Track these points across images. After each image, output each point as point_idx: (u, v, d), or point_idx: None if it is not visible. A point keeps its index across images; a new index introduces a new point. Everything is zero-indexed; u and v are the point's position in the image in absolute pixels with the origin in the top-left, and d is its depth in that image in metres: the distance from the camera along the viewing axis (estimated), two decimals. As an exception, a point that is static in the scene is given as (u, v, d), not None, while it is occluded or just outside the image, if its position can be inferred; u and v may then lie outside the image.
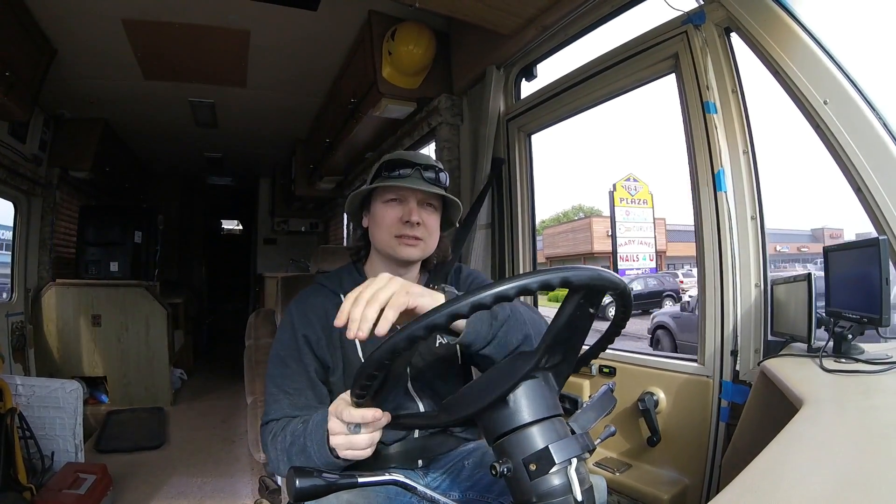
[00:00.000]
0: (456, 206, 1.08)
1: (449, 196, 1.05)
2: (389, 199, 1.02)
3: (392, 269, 1.06)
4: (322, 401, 0.99)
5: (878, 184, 1.06)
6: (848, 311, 1.04)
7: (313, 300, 1.05)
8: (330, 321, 0.97)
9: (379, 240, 1.04)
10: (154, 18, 2.37)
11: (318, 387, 1.00)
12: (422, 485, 0.71)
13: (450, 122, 2.37)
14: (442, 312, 0.56)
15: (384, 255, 1.05)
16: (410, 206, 1.01)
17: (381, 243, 1.04)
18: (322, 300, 1.05)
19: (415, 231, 1.01)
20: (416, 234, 1.01)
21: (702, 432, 1.40)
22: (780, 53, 1.18)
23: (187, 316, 5.00)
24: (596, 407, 0.71)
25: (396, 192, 1.02)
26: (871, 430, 0.67)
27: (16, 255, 3.27)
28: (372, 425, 0.72)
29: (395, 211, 1.01)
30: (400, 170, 1.00)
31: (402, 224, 1.00)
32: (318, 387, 1.00)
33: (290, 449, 0.88)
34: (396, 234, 1.01)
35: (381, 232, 1.02)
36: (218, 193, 6.95)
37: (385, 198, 1.03)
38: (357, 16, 2.34)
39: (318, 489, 0.61)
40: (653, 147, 36.12)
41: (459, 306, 0.55)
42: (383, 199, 1.03)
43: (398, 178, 1.00)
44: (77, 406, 2.41)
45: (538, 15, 1.77)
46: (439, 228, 1.08)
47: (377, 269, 1.08)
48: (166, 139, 4.36)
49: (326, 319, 1.01)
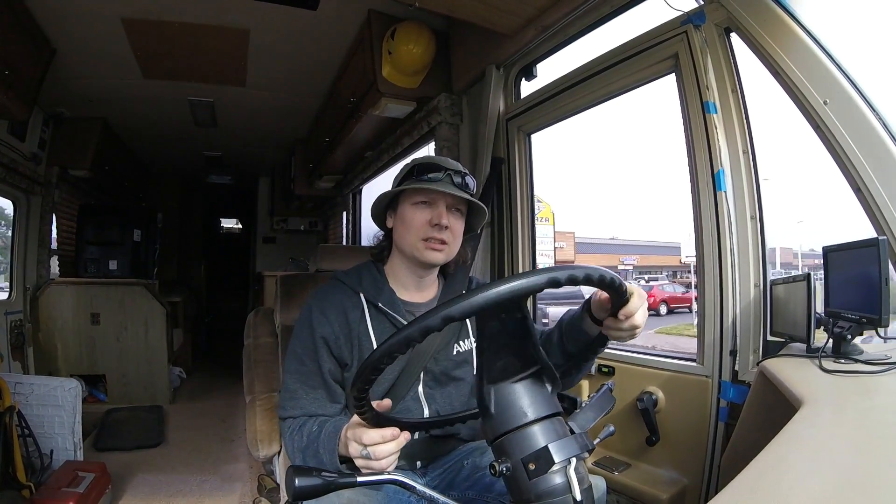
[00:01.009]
0: (482, 212, 1.10)
1: (476, 202, 1.06)
2: (419, 201, 1.04)
3: (413, 270, 1.09)
4: (335, 400, 1.03)
5: (878, 184, 1.06)
6: (847, 311, 1.04)
7: (332, 298, 1.07)
8: (348, 318, 1.03)
9: (405, 241, 1.05)
10: (153, 17, 2.36)
11: (332, 386, 1.03)
12: (421, 484, 0.71)
13: (449, 122, 2.37)
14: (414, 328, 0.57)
15: (408, 256, 1.06)
16: (440, 209, 1.02)
17: (406, 245, 1.05)
18: (340, 297, 1.07)
19: (442, 234, 1.02)
20: (442, 238, 1.02)
21: (701, 432, 1.40)
22: (779, 53, 1.18)
23: (186, 315, 4.99)
24: (595, 406, 0.71)
25: (426, 195, 1.03)
26: (871, 431, 0.67)
27: (15, 254, 3.26)
28: (392, 444, 0.73)
29: (424, 214, 1.02)
30: (431, 173, 1.02)
31: (431, 227, 1.02)
32: (332, 386, 1.03)
33: (305, 450, 0.93)
34: (424, 236, 1.02)
35: (408, 233, 1.03)
36: (217, 192, 6.94)
37: (415, 200, 1.04)
38: (357, 15, 2.33)
39: (317, 488, 0.61)
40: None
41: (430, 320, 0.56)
42: (413, 202, 1.04)
43: (429, 181, 1.01)
44: (76, 404, 2.41)
45: (538, 14, 1.76)
46: (462, 234, 1.10)
47: (397, 271, 1.10)
48: (165, 138, 4.35)
49: (345, 316, 1.04)
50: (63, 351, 3.47)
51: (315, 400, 1.02)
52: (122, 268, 3.93)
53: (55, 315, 3.44)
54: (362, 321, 1.04)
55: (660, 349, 2.75)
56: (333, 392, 1.03)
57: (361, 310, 1.05)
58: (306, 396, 1.01)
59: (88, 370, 3.52)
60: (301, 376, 1.03)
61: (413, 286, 1.11)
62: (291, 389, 1.03)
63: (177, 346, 4.33)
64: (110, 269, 3.88)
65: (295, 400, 1.02)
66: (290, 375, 1.04)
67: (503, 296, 0.54)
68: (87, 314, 3.53)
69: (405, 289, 1.11)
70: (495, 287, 0.54)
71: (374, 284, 1.09)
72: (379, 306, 1.05)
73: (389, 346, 0.58)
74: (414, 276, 1.10)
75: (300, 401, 1.01)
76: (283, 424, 1.03)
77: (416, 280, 1.11)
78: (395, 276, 1.11)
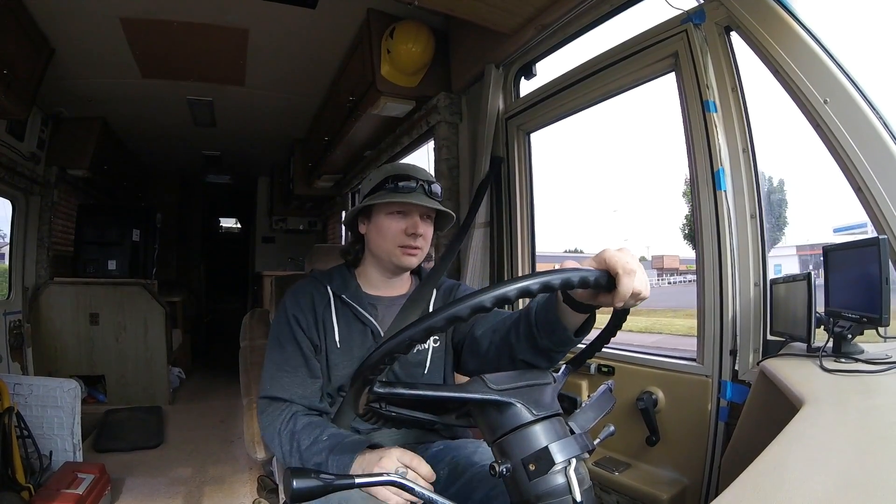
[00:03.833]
0: (449, 217, 1.17)
1: (444, 210, 1.13)
2: (394, 211, 1.10)
3: (384, 273, 1.17)
4: (315, 375, 1.08)
5: (878, 183, 1.05)
6: (847, 310, 1.04)
7: (303, 287, 1.16)
8: (315, 305, 1.12)
9: (381, 248, 1.12)
10: (152, 17, 2.36)
11: (311, 361, 1.08)
12: (419, 485, 0.71)
13: (449, 121, 2.37)
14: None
15: (383, 260, 1.14)
16: (415, 219, 1.09)
17: (382, 251, 1.12)
18: (311, 288, 1.15)
19: (416, 242, 1.10)
20: (417, 245, 1.10)
21: (701, 432, 1.39)
22: (780, 52, 1.18)
23: (185, 315, 4.99)
24: (595, 406, 0.71)
25: (401, 206, 1.10)
26: (872, 431, 0.66)
27: (14, 254, 3.26)
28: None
29: (400, 223, 1.10)
30: (403, 182, 1.08)
31: (406, 235, 1.09)
32: (311, 361, 1.08)
33: (305, 451, 0.94)
34: (400, 244, 1.10)
35: (384, 241, 1.11)
36: (216, 192, 6.93)
37: (390, 210, 1.10)
38: (356, 14, 2.33)
39: (315, 490, 0.61)
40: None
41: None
42: (388, 211, 1.10)
43: (403, 191, 1.07)
44: (75, 405, 2.41)
45: (537, 13, 1.76)
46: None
47: (370, 274, 1.19)
48: (164, 138, 4.34)
49: (312, 302, 1.12)
50: (62, 351, 3.46)
51: (296, 377, 1.06)
52: (120, 268, 3.93)
53: (54, 315, 3.44)
54: (327, 309, 1.12)
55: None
56: (313, 367, 1.08)
57: (328, 300, 1.13)
58: (287, 377, 1.06)
59: (87, 371, 3.52)
60: (283, 360, 1.07)
61: (382, 285, 1.20)
62: (272, 372, 1.07)
63: (176, 347, 4.32)
64: (109, 269, 3.88)
65: (275, 380, 1.05)
66: (270, 361, 1.09)
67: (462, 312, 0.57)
68: (86, 314, 3.53)
69: (373, 287, 1.19)
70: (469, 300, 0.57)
71: (342, 280, 1.17)
72: (343, 298, 1.13)
73: (389, 347, 0.59)
74: (384, 277, 1.18)
75: (281, 381, 1.05)
76: (264, 403, 1.06)
77: (386, 280, 1.19)
78: (365, 277, 1.19)
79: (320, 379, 1.09)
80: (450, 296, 1.22)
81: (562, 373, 0.78)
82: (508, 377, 0.67)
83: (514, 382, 0.66)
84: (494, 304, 0.56)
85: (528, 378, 0.68)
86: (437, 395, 0.68)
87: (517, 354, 0.89)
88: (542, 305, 0.83)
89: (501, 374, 0.68)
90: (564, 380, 0.76)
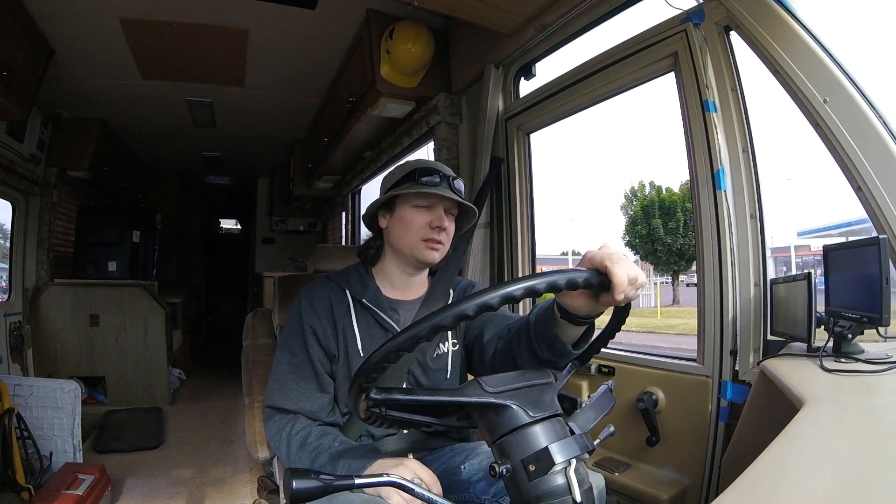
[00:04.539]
0: (472, 214, 1.15)
1: (469, 205, 1.12)
2: (420, 204, 1.08)
3: (405, 270, 1.14)
4: (324, 389, 1.06)
5: (878, 183, 1.05)
6: (848, 310, 1.03)
7: (320, 291, 1.12)
8: (334, 311, 1.09)
9: (404, 241, 1.09)
10: (152, 17, 2.36)
11: (322, 376, 1.06)
12: (419, 486, 0.71)
13: (448, 122, 2.36)
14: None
15: (405, 255, 1.10)
16: (439, 212, 1.08)
17: (405, 244, 1.09)
18: (328, 291, 1.12)
19: (440, 236, 1.08)
20: (440, 239, 1.08)
21: (701, 432, 1.39)
22: (779, 52, 1.18)
23: (185, 315, 4.99)
24: (595, 407, 0.71)
25: (427, 199, 1.08)
26: (872, 431, 0.66)
27: (14, 255, 3.26)
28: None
29: (425, 216, 1.08)
30: (427, 177, 1.07)
31: (431, 229, 1.07)
32: (322, 376, 1.06)
33: (316, 458, 0.93)
34: (424, 237, 1.07)
35: (407, 234, 1.08)
36: (216, 193, 6.94)
37: (415, 202, 1.08)
38: (355, 15, 2.33)
39: (315, 491, 0.61)
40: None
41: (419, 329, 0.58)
42: (413, 204, 1.09)
43: (428, 185, 1.06)
44: (75, 406, 2.41)
45: (537, 14, 1.76)
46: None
47: (389, 272, 1.15)
48: (164, 138, 4.34)
49: (330, 309, 1.09)
50: (62, 352, 3.46)
51: (305, 391, 1.04)
52: (121, 269, 3.92)
53: (54, 317, 3.44)
54: (347, 315, 1.09)
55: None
56: (323, 382, 1.06)
57: (347, 305, 1.10)
58: (297, 387, 1.04)
59: (88, 372, 3.51)
60: (292, 367, 1.05)
61: (401, 285, 1.16)
62: (282, 380, 1.05)
63: (176, 348, 4.32)
64: (109, 270, 3.87)
65: (285, 391, 1.04)
66: (280, 366, 1.07)
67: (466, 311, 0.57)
68: (87, 316, 3.53)
69: (393, 288, 1.16)
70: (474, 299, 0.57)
71: (360, 282, 1.14)
72: (363, 302, 1.10)
73: (388, 348, 0.59)
74: (405, 275, 1.15)
75: (290, 392, 1.03)
76: (270, 412, 1.05)
77: (406, 279, 1.16)
78: (384, 276, 1.16)
79: (330, 394, 1.07)
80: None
81: (567, 370, 0.78)
82: (506, 379, 0.67)
83: (511, 384, 0.66)
84: (502, 302, 0.57)
85: (526, 379, 0.68)
86: (434, 399, 0.68)
87: (521, 364, 0.89)
88: (540, 321, 0.84)
89: (499, 375, 0.68)
90: (569, 376, 0.76)
